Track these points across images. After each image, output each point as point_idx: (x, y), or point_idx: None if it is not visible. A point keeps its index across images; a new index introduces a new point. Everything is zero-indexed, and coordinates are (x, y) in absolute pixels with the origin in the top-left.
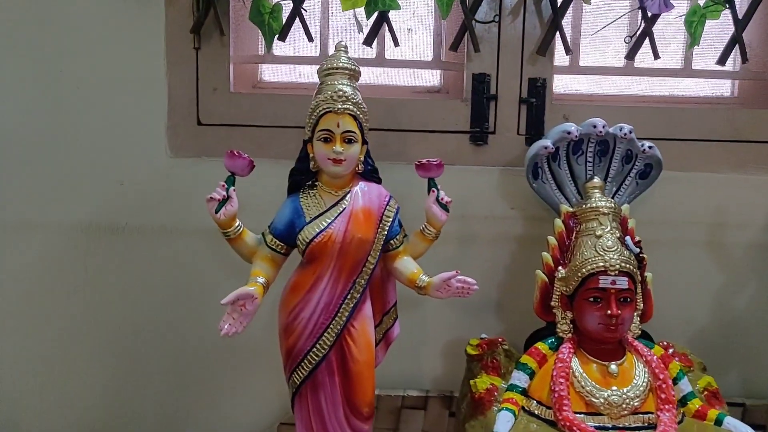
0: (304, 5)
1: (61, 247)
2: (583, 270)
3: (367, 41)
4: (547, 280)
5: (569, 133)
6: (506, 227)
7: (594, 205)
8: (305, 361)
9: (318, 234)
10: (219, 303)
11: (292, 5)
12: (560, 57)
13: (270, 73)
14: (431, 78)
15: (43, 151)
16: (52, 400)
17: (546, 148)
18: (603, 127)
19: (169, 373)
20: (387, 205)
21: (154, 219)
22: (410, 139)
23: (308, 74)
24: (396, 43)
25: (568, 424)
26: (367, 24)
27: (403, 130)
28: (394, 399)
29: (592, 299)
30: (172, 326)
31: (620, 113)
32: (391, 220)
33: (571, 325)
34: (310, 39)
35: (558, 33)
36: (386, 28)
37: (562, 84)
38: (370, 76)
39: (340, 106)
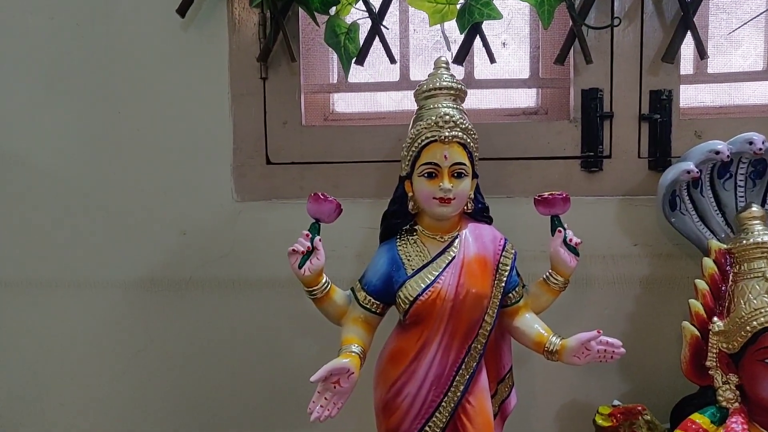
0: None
1: (123, 306)
2: (754, 323)
3: (458, 59)
4: (698, 334)
5: (718, 153)
6: (629, 267)
7: (759, 240)
8: None
9: (424, 290)
10: (293, 364)
11: (370, 24)
12: (684, 64)
13: (343, 104)
14: (526, 98)
15: (102, 200)
16: None
17: (689, 172)
18: (763, 143)
19: None
20: (503, 250)
21: (220, 271)
22: (509, 169)
23: (385, 102)
24: (492, 59)
25: None
26: (455, 41)
27: (501, 158)
28: None
29: None
30: (244, 389)
31: (764, 127)
32: (509, 268)
33: (738, 392)
34: (392, 60)
35: (690, 34)
36: (477, 43)
37: (686, 96)
38: None
39: (447, 134)
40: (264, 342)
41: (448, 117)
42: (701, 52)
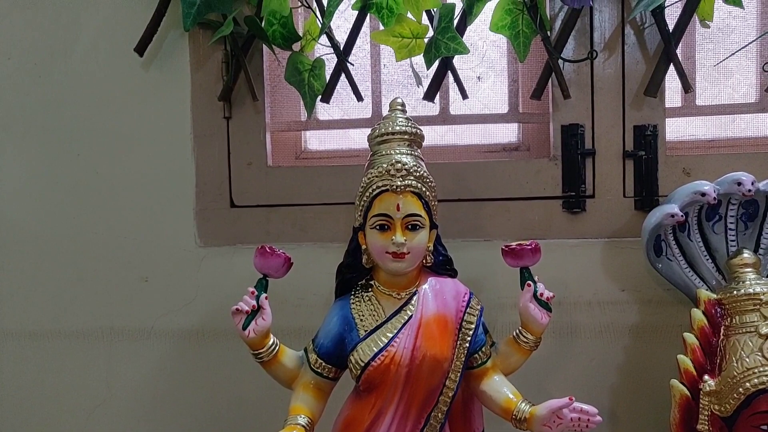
0: (351, 58)
1: (82, 357)
2: (747, 384)
3: (428, 96)
4: (688, 393)
5: (704, 194)
6: (616, 314)
7: (751, 290)
8: None
9: (377, 354)
10: (261, 419)
11: (336, 60)
12: (670, 97)
13: (316, 141)
14: (507, 133)
15: (59, 245)
16: None
17: (673, 216)
18: (752, 184)
19: None
20: (467, 306)
21: (184, 320)
22: (486, 210)
23: (360, 139)
24: (464, 95)
25: None
26: (427, 75)
27: (477, 199)
28: None
29: (765, 428)
30: None
31: (757, 162)
32: (473, 327)
33: None
34: (359, 98)
35: (672, 66)
36: (450, 77)
37: (674, 129)
38: (432, 135)
39: (399, 183)
40: (229, 395)
41: (400, 165)
42: (685, 86)
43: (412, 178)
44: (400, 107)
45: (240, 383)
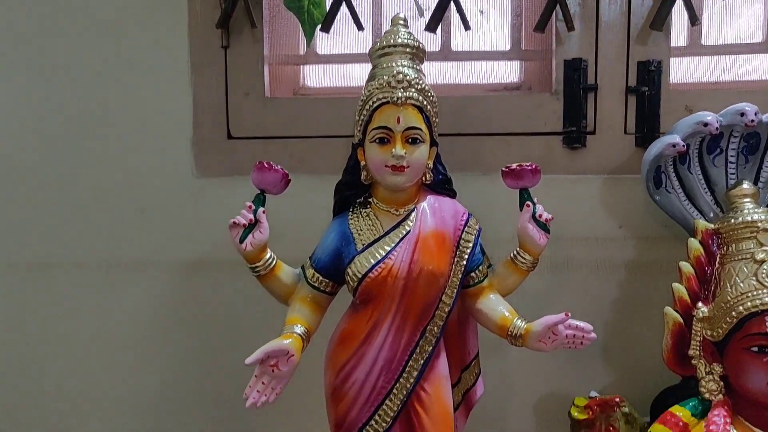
0: None
1: (78, 289)
2: (740, 308)
3: (430, 27)
4: (681, 320)
5: (707, 125)
6: (613, 251)
7: (749, 218)
8: None
9: (374, 266)
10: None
11: None
12: (676, 36)
13: (314, 78)
14: (509, 73)
15: (53, 177)
16: None
17: (674, 146)
18: (755, 114)
19: None
20: (465, 226)
21: (181, 252)
22: (486, 145)
23: (360, 77)
24: (466, 27)
25: None
26: (429, 8)
27: (478, 134)
28: None
29: (755, 349)
30: (207, 375)
31: (761, 98)
32: (471, 245)
33: (722, 383)
34: (360, 27)
35: None
36: (453, 10)
37: (678, 71)
38: (433, 73)
39: (400, 95)
40: (227, 327)
41: (401, 76)
42: (692, 18)
43: (413, 90)
44: (402, 22)
45: (238, 315)
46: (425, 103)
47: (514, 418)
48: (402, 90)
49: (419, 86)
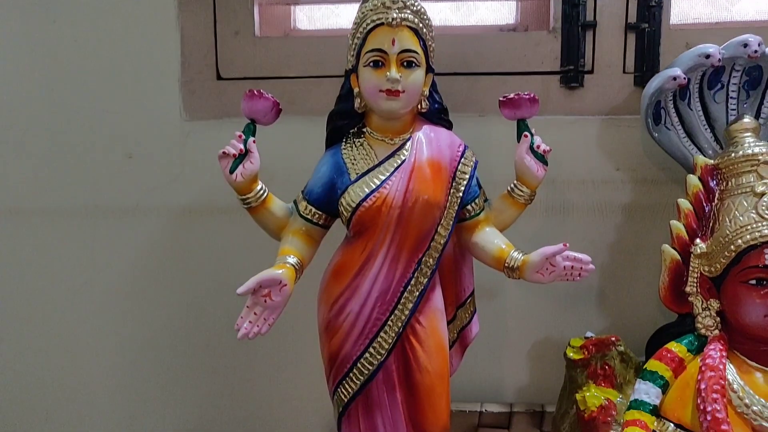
0: None
1: (65, 234)
2: (739, 242)
3: None
4: (679, 257)
5: (708, 56)
6: (610, 193)
7: (750, 151)
8: (354, 370)
9: (368, 196)
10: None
11: None
12: None
13: (305, 20)
14: (505, 15)
15: (38, 121)
16: None
17: (675, 78)
18: (759, 45)
19: (189, 386)
20: (462, 157)
21: (170, 197)
22: (482, 84)
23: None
24: None
25: None
26: None
27: (473, 73)
28: (469, 416)
29: (753, 282)
30: (198, 321)
31: (764, 35)
32: (467, 177)
33: (718, 319)
34: None
35: None
36: None
37: (679, 11)
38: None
39: (395, 15)
40: (217, 272)
41: None
42: None
43: (408, 11)
44: None
45: (229, 261)
46: (421, 25)
47: (511, 363)
48: (397, 11)
49: (415, 8)
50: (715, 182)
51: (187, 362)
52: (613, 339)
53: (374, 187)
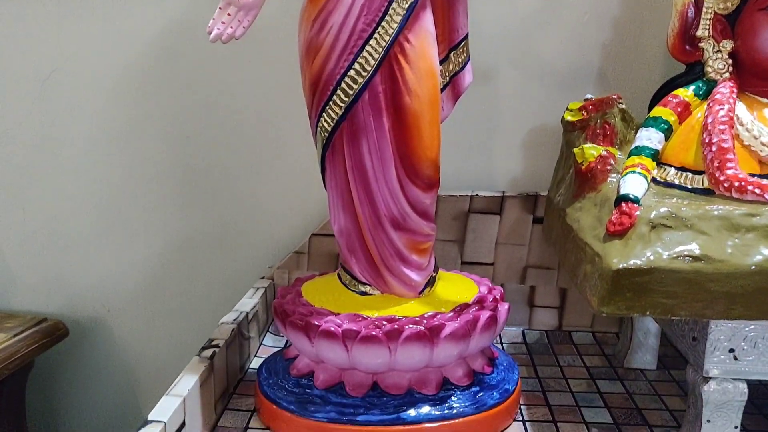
0: None
1: (29, 20)
2: None
3: None
4: None
5: None
6: None
7: None
8: (339, 91)
9: None
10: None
11: None
12: None
13: None
14: None
15: None
16: None
17: None
18: None
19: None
20: None
21: None
22: None
23: None
24: None
25: (737, 184)
26: None
27: None
28: (459, 201)
29: None
30: (173, 119)
31: None
32: None
33: (730, 61)
34: None
35: None
36: None
37: None
38: None
39: None
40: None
41: None
42: None
43: None
44: None
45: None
46: None
47: (504, 155)
48: None
49: None
50: None
51: (165, 152)
52: (615, 96)
53: None
